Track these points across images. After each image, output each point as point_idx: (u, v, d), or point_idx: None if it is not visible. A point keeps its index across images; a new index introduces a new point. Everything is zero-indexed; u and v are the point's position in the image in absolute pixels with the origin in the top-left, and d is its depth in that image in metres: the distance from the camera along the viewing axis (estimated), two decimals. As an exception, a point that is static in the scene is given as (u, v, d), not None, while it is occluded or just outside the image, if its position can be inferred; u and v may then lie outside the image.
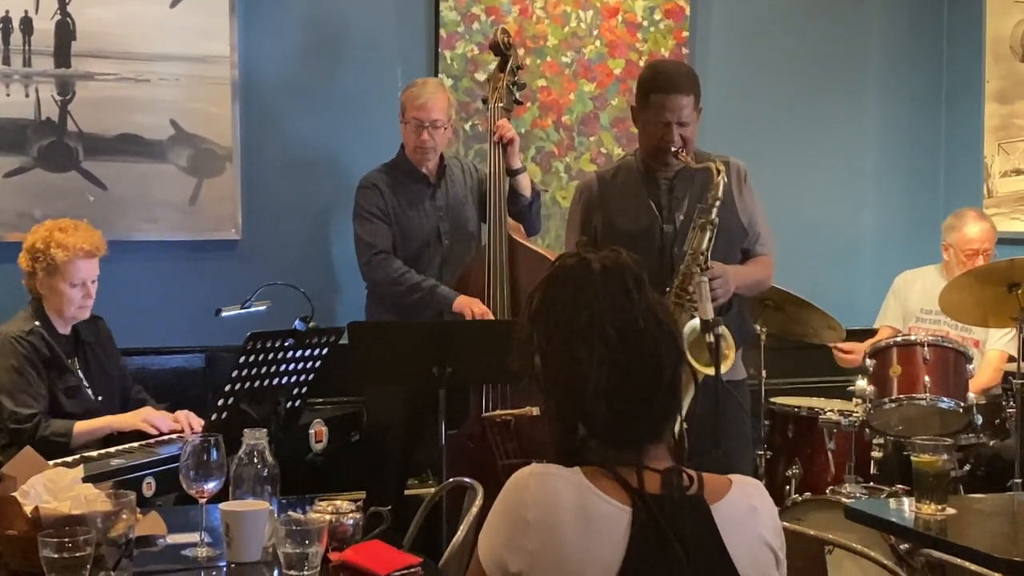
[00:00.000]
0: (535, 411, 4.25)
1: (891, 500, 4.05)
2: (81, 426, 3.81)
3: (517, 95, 4.72)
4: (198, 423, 4.01)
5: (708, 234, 3.57)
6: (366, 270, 4.60)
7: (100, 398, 4.02)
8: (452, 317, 4.41)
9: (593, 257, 1.87)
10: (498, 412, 4.40)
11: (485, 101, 4.72)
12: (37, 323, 3.91)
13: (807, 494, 4.50)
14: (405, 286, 4.48)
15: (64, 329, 3.99)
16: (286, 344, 3.96)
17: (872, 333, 5.23)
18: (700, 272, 3.49)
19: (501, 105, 4.65)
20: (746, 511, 1.83)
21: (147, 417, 3.88)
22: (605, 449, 1.82)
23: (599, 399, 1.80)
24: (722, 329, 3.39)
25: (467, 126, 5.20)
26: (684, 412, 1.92)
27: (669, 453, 1.85)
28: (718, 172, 3.60)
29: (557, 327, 1.85)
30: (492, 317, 4.39)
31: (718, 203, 3.58)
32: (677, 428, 1.90)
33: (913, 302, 5.17)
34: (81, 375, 4.01)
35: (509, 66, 4.68)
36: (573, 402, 1.83)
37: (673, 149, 3.67)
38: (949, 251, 5.09)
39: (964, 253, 5.01)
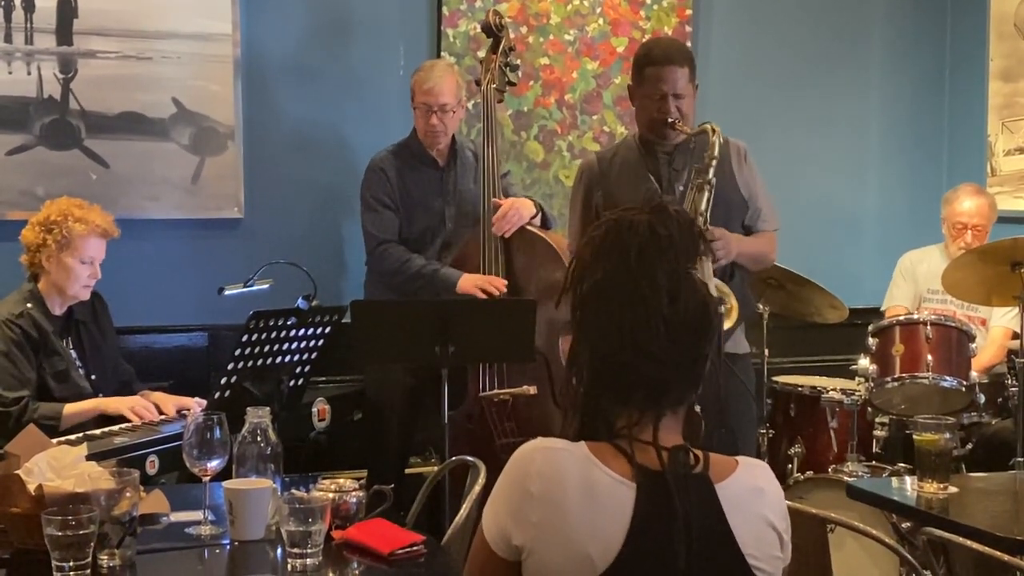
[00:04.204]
0: (532, 390, 4.34)
1: (893, 479, 4.06)
2: (70, 409, 3.80)
3: (510, 76, 4.70)
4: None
5: (706, 194, 3.57)
6: (371, 260, 4.64)
7: (93, 377, 4.02)
8: (455, 298, 4.41)
9: (669, 201, 1.88)
10: (496, 392, 4.42)
11: (479, 82, 4.71)
12: (29, 305, 3.90)
13: (809, 473, 4.52)
14: (407, 275, 4.49)
15: (59, 309, 3.99)
16: (288, 323, 3.97)
17: (874, 312, 5.23)
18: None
19: (494, 87, 4.63)
20: (752, 492, 1.83)
21: (134, 406, 3.87)
22: (625, 413, 1.81)
23: (659, 330, 1.77)
24: (723, 309, 3.39)
25: (469, 105, 5.18)
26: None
27: (680, 432, 1.85)
28: (713, 132, 3.61)
29: (627, 251, 1.81)
30: (501, 284, 4.39)
31: (715, 162, 3.58)
32: (693, 410, 1.89)
33: (921, 283, 5.18)
34: (73, 355, 4.01)
35: (501, 47, 4.66)
36: (626, 337, 1.78)
37: (670, 120, 3.68)
38: (944, 224, 5.14)
39: (954, 227, 5.06)
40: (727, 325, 3.44)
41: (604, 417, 1.83)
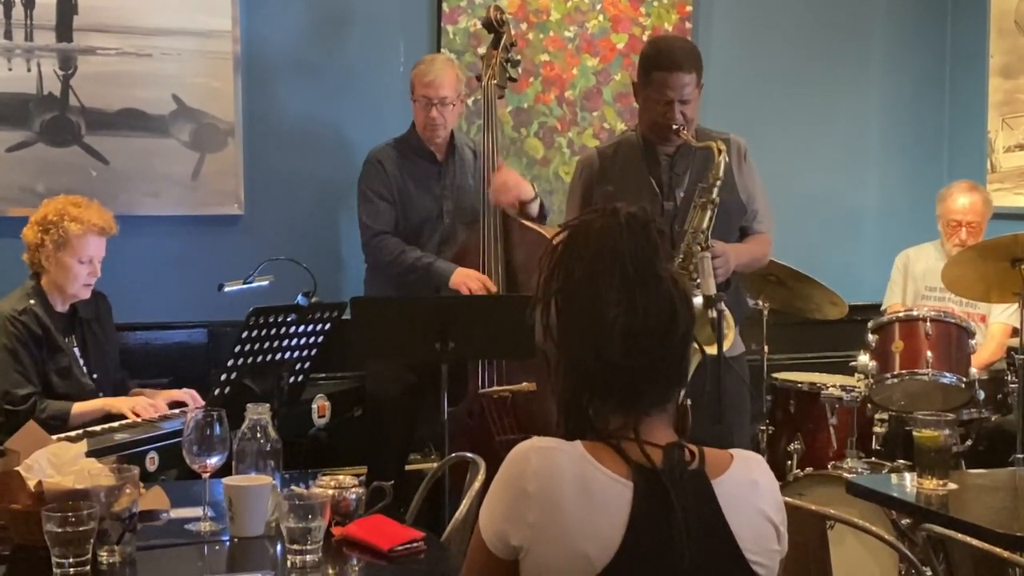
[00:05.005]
0: (531, 387, 4.32)
1: (893, 475, 4.06)
2: (78, 408, 3.81)
3: (511, 72, 4.70)
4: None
5: (709, 213, 3.58)
6: (366, 251, 4.64)
7: (95, 376, 4.02)
8: (450, 292, 4.42)
9: (620, 206, 1.87)
10: (495, 388, 4.42)
11: (479, 78, 4.71)
12: (32, 301, 3.90)
13: (809, 469, 4.51)
14: (402, 266, 4.49)
15: (62, 307, 3.99)
16: (288, 319, 3.96)
17: (874, 309, 5.22)
18: (701, 250, 3.50)
19: (495, 82, 4.63)
20: (747, 485, 1.83)
21: (135, 406, 3.88)
22: (610, 415, 1.82)
23: (615, 341, 1.78)
24: (723, 306, 3.40)
25: (469, 102, 5.18)
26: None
27: (672, 428, 1.85)
28: (719, 152, 3.61)
29: (579, 264, 1.83)
30: (492, 285, 4.40)
31: (719, 182, 3.59)
32: (682, 403, 1.89)
33: (918, 280, 5.18)
34: (77, 353, 4.01)
35: (502, 43, 4.66)
36: (587, 347, 1.81)
37: (674, 127, 3.67)
38: (939, 222, 5.14)
39: (948, 225, 5.06)
40: (726, 346, 3.44)
41: (588, 419, 1.83)
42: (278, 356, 4.01)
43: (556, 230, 4.56)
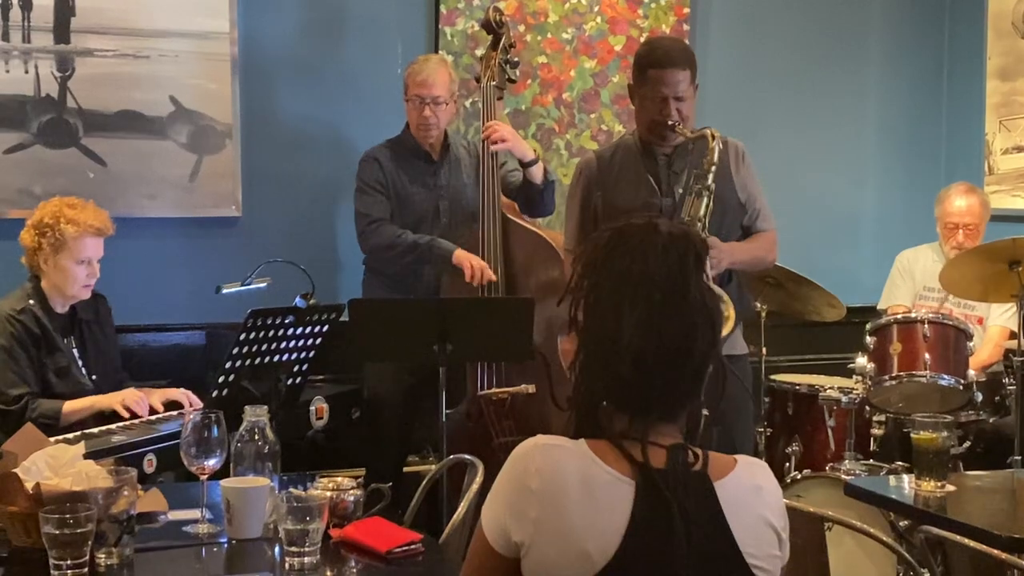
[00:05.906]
0: (531, 389, 4.33)
1: (891, 477, 4.06)
2: (69, 406, 3.79)
3: (510, 73, 4.70)
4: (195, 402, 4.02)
5: (705, 200, 3.60)
6: (362, 240, 4.61)
7: (94, 377, 4.01)
8: (452, 270, 4.42)
9: (663, 222, 1.87)
10: (494, 390, 4.41)
11: (478, 79, 4.71)
12: (31, 301, 3.89)
13: (807, 471, 4.51)
14: (401, 247, 4.48)
15: (61, 308, 3.98)
16: (286, 321, 3.96)
17: (872, 311, 5.23)
18: None
19: (494, 84, 4.63)
20: (750, 490, 1.83)
21: (125, 400, 3.87)
22: (618, 418, 1.82)
23: (626, 359, 1.79)
24: (724, 296, 3.40)
25: (467, 103, 5.19)
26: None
27: (680, 434, 1.85)
28: (713, 138, 3.63)
29: (608, 277, 1.83)
30: (491, 273, 4.40)
31: (714, 168, 3.61)
32: (694, 411, 1.89)
33: (917, 281, 5.19)
34: (76, 354, 4.00)
35: (501, 44, 4.66)
36: (601, 358, 1.82)
37: (670, 123, 3.69)
38: (938, 224, 5.15)
39: (946, 227, 5.06)
40: (724, 332, 3.45)
41: (598, 416, 1.84)
42: (276, 358, 4.01)
43: (557, 234, 4.58)
